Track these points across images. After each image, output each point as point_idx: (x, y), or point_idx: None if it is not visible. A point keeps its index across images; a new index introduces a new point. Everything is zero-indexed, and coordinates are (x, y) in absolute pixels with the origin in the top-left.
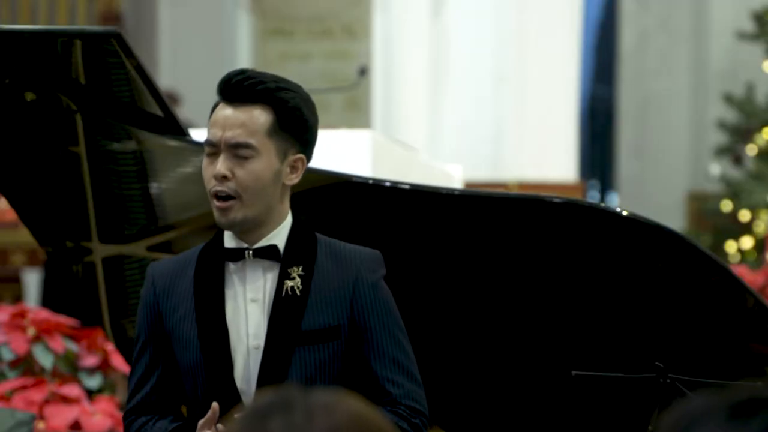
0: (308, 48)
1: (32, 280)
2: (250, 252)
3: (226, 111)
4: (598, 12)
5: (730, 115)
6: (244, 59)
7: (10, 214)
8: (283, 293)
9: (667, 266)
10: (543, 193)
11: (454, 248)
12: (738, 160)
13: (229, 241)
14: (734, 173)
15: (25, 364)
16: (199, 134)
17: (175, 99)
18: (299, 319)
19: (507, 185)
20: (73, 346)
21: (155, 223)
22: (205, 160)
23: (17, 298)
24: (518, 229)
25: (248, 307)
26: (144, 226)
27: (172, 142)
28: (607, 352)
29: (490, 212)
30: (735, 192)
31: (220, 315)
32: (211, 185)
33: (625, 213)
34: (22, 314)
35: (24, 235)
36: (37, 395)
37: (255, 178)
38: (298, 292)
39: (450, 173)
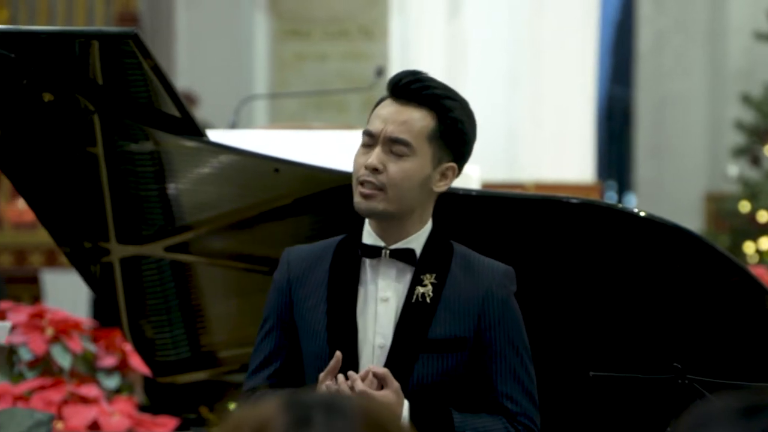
0: (325, 49)
1: (54, 281)
2: (387, 252)
3: (390, 107)
4: (615, 12)
5: (748, 116)
6: (260, 60)
7: (29, 215)
8: (414, 299)
9: (685, 267)
10: (560, 194)
11: (471, 249)
12: (756, 160)
13: (367, 237)
14: (752, 174)
15: (43, 365)
16: (216, 135)
17: (192, 99)
18: (426, 327)
19: (524, 186)
20: (91, 347)
21: (172, 223)
22: (359, 149)
23: (36, 298)
24: (535, 229)
25: (378, 306)
26: (161, 226)
27: (189, 143)
28: (625, 353)
29: (507, 213)
30: (753, 192)
31: (351, 309)
32: (360, 173)
33: (642, 214)
34: (40, 314)
35: (42, 236)
36: (55, 395)
37: (405, 176)
38: (428, 300)
39: (467, 174)
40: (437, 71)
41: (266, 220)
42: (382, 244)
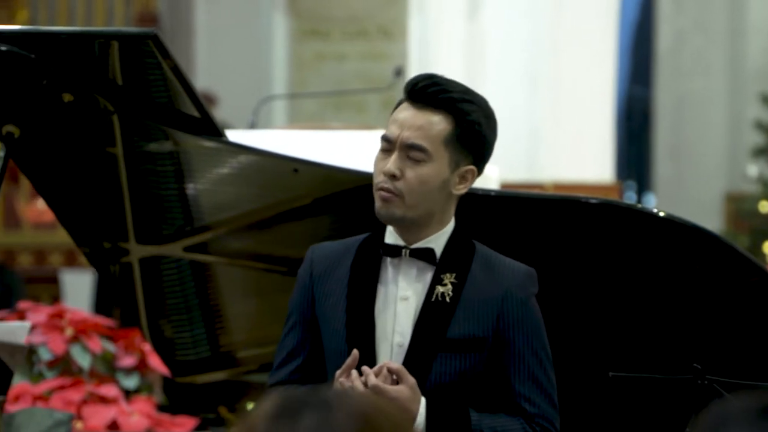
0: (344, 49)
1: (73, 281)
2: (407, 251)
3: (407, 112)
4: (635, 12)
5: (767, 116)
6: (280, 60)
7: (48, 215)
8: (433, 298)
9: (704, 267)
10: (579, 194)
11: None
12: None
13: (389, 237)
14: None
15: (63, 365)
16: (235, 135)
17: (211, 100)
18: (445, 326)
19: (543, 186)
20: (110, 347)
21: (192, 223)
22: (378, 154)
23: (55, 298)
24: (554, 230)
25: (398, 304)
26: (181, 226)
27: (209, 143)
28: (644, 353)
29: (527, 213)
30: None
31: (369, 308)
32: (379, 180)
33: (661, 214)
34: (59, 314)
35: (62, 236)
36: (75, 395)
37: (422, 182)
38: (447, 299)
39: (486, 174)
40: (456, 71)
41: (285, 221)
42: (402, 243)
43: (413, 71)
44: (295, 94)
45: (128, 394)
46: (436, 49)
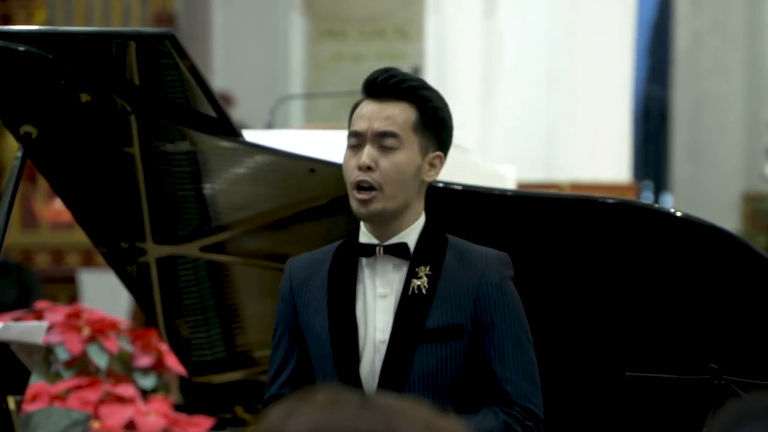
0: (361, 49)
1: (91, 281)
2: (381, 248)
3: (371, 106)
4: (652, 13)
5: None
6: (297, 60)
7: (66, 215)
8: (410, 291)
9: (721, 267)
10: (596, 194)
11: (506, 249)
12: None
13: (363, 237)
14: None
15: (80, 364)
16: (252, 135)
17: (228, 100)
18: (424, 318)
19: (560, 186)
20: (127, 346)
21: (208, 223)
22: (347, 153)
23: (72, 298)
24: (571, 229)
25: (377, 302)
26: (197, 226)
27: (226, 143)
28: (661, 353)
29: (543, 213)
30: None
31: (350, 309)
32: (354, 176)
33: (679, 214)
34: (77, 314)
35: (79, 236)
36: (92, 395)
37: (398, 170)
38: (424, 291)
39: (502, 174)
40: (473, 71)
41: (301, 221)
42: (375, 241)
43: (430, 71)
44: (311, 94)
45: (145, 393)
46: (452, 49)
